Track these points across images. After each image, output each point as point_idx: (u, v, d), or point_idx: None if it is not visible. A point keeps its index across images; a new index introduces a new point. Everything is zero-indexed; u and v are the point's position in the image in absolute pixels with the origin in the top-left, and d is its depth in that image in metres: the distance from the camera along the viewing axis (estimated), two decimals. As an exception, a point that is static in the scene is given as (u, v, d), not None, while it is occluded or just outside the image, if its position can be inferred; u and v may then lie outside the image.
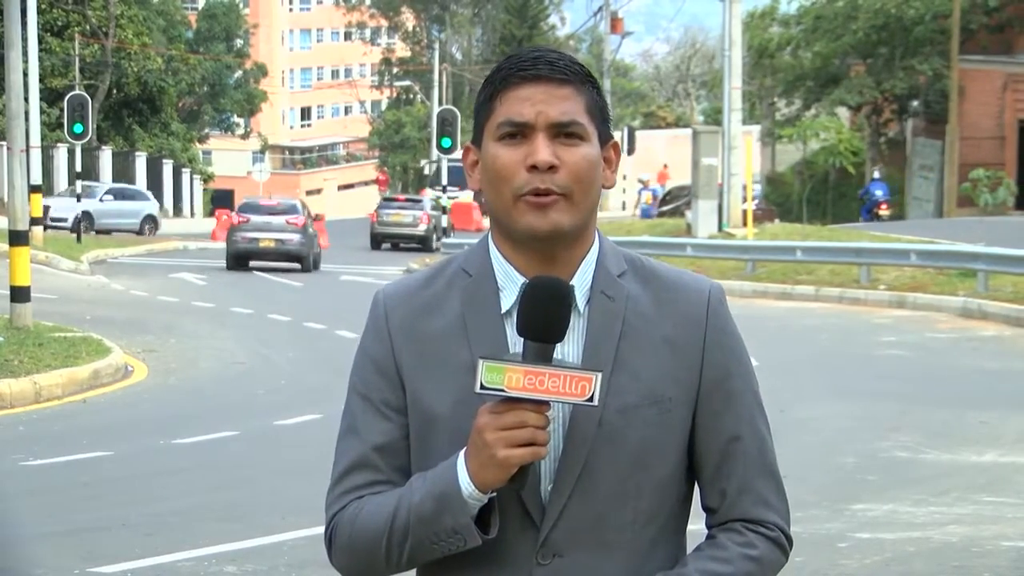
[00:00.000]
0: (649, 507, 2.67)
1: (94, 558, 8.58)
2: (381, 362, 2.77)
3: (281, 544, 9.14)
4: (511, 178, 2.63)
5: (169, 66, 73.67)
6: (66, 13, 66.89)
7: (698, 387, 2.69)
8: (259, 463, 12.72)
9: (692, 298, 2.72)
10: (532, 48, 2.70)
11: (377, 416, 2.75)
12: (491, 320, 2.68)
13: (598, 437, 2.62)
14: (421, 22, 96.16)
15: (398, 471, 2.72)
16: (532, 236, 2.64)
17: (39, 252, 34.87)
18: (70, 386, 16.85)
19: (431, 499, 2.60)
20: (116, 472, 12.14)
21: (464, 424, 2.61)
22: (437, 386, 2.69)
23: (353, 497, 2.73)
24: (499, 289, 2.69)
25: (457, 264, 2.76)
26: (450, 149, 54.50)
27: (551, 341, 2.55)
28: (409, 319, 2.76)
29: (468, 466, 2.57)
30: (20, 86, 22.37)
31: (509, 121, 2.63)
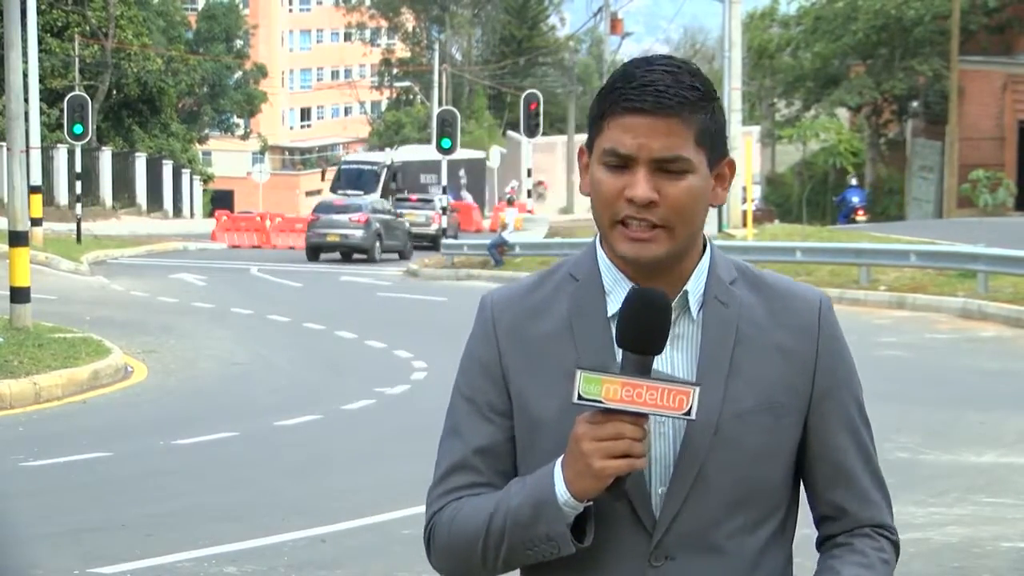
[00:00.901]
0: (759, 513, 2.68)
1: (94, 559, 8.58)
2: (487, 365, 2.77)
3: (281, 545, 9.14)
4: (611, 205, 2.62)
5: (169, 67, 73.67)
6: (66, 14, 66.88)
7: (810, 395, 2.70)
8: (259, 464, 12.72)
9: (803, 306, 2.73)
10: (648, 65, 2.64)
11: (480, 419, 2.75)
12: (597, 324, 2.69)
13: (713, 443, 2.63)
14: (421, 23, 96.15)
15: (499, 474, 2.72)
16: (628, 263, 2.66)
17: (39, 253, 34.87)
18: (70, 387, 16.86)
19: (528, 505, 2.60)
20: (116, 473, 12.14)
21: (569, 429, 2.60)
22: (543, 390, 2.69)
23: (452, 498, 2.73)
24: (606, 293, 2.70)
25: (565, 269, 2.77)
26: (450, 150, 54.49)
27: (650, 353, 2.55)
28: (516, 323, 2.76)
29: (564, 474, 2.57)
30: (20, 87, 22.38)
31: (613, 151, 2.61)
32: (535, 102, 50.22)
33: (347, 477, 11.99)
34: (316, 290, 35.06)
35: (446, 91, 78.54)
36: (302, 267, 42.50)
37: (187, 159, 76.37)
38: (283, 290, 35.09)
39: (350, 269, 41.62)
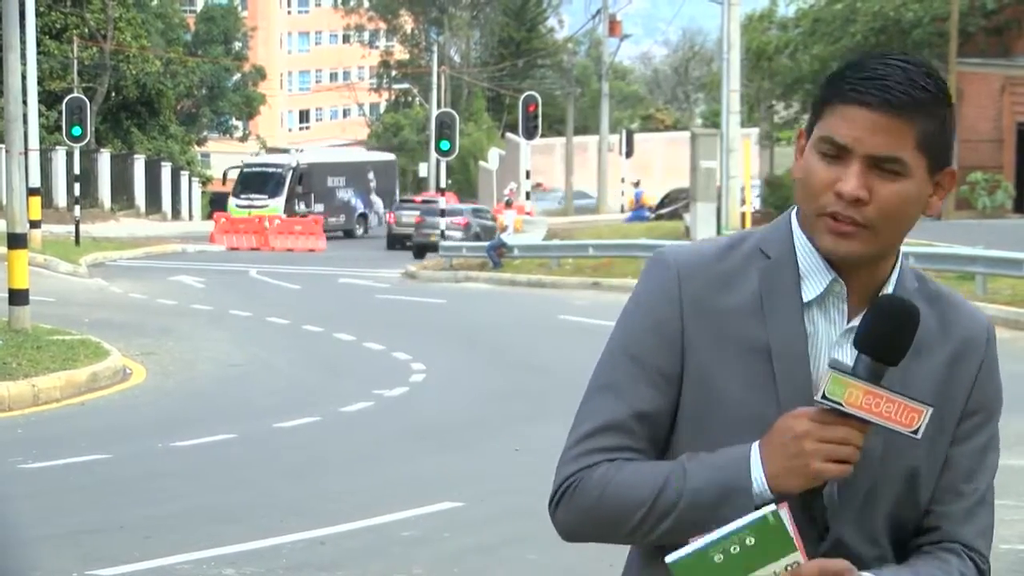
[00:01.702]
0: (908, 531, 2.65)
1: (92, 560, 8.58)
2: (666, 327, 2.61)
3: (280, 546, 9.14)
4: (818, 195, 2.54)
5: (167, 69, 73.68)
6: (65, 16, 66.88)
7: (959, 415, 2.66)
8: (257, 465, 12.72)
9: (974, 326, 2.67)
10: (882, 59, 2.54)
11: (646, 382, 2.61)
12: (791, 307, 2.59)
13: (885, 455, 2.57)
14: (419, 25, 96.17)
15: (651, 442, 2.61)
16: (825, 256, 2.58)
17: (37, 255, 34.85)
18: (68, 389, 16.86)
19: (714, 488, 2.50)
20: (114, 474, 12.14)
21: (748, 411, 2.54)
22: (727, 366, 2.58)
23: (604, 458, 2.61)
24: (800, 277, 2.60)
25: (753, 242, 2.65)
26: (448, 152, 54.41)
27: (890, 363, 2.48)
28: (705, 290, 2.61)
29: (767, 467, 2.48)
30: (19, 89, 22.38)
31: (829, 139, 2.53)
32: (534, 104, 50.24)
33: (345, 479, 11.99)
34: (315, 292, 35.06)
35: (445, 93, 78.56)
36: (301, 269, 42.50)
37: (186, 161, 76.37)
38: (282, 292, 35.08)
39: (349, 271, 41.62)
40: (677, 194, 52.79)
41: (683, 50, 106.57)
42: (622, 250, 36.66)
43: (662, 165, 75.53)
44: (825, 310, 2.59)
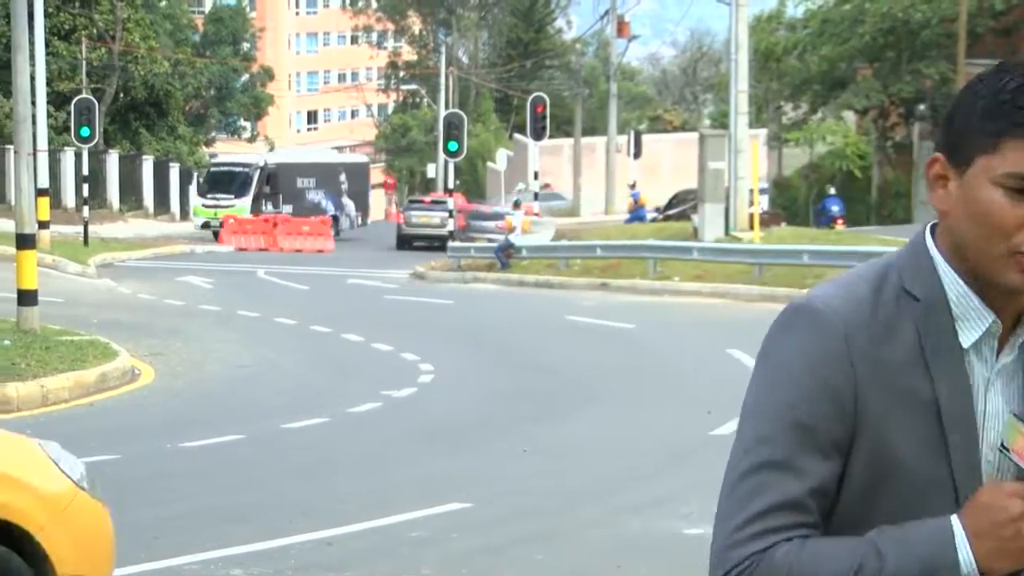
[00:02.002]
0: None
1: (101, 561, 8.58)
2: (839, 392, 2.40)
3: (288, 547, 9.14)
4: (1009, 235, 2.36)
5: (176, 69, 73.73)
6: (73, 17, 66.94)
7: None
8: (265, 466, 12.73)
9: None
10: None
11: (819, 453, 2.40)
12: (953, 356, 2.42)
13: None
14: (427, 26, 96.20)
15: (823, 516, 2.42)
16: (1013, 292, 2.41)
17: (46, 256, 34.89)
18: (77, 389, 16.87)
19: (917, 569, 2.34)
20: (123, 475, 12.14)
21: (924, 474, 2.40)
22: (899, 426, 2.41)
23: (780, 538, 2.40)
24: (955, 319, 2.44)
25: (896, 282, 2.47)
26: (456, 153, 54.39)
27: None
28: (871, 345, 2.42)
29: (975, 547, 2.33)
30: (27, 90, 22.40)
31: (1018, 175, 2.34)
32: (542, 105, 50.22)
33: (354, 479, 12.00)
34: (323, 293, 35.07)
35: (453, 94, 78.55)
36: (309, 270, 42.52)
37: (194, 162, 76.38)
38: (290, 293, 35.10)
39: (357, 272, 41.64)
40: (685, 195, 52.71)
41: (691, 51, 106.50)
42: (630, 251, 36.63)
43: (670, 166, 75.45)
44: (979, 351, 2.44)
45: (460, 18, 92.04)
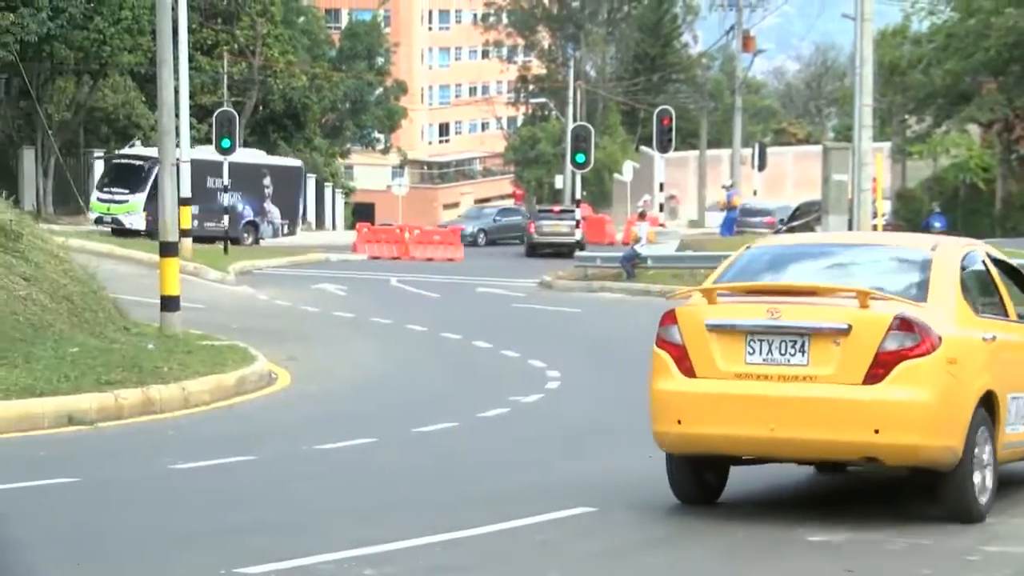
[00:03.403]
0: None
1: (239, 559, 8.67)
2: None
3: (418, 548, 9.17)
4: None
5: (313, 83, 74.41)
6: (215, 32, 67.82)
7: None
8: (396, 469, 12.78)
9: None
10: None
11: None
12: None
13: None
14: (556, 40, 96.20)
15: None
16: None
17: (188, 263, 35.33)
18: (217, 392, 17.04)
19: None
20: (260, 476, 12.27)
21: None
22: None
23: None
24: None
25: None
26: (584, 164, 54.44)
27: None
28: None
29: None
30: (171, 103, 22.70)
31: None
32: (668, 118, 50.10)
33: (482, 483, 12.02)
34: (453, 300, 35.19)
35: (580, 107, 78.51)
36: (439, 278, 42.69)
37: (330, 173, 77.08)
38: (421, 300, 35.26)
39: (486, 280, 41.73)
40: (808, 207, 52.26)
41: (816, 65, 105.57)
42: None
43: (794, 178, 74.89)
44: None
45: (588, 33, 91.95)
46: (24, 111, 55.92)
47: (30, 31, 49.91)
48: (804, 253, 11.17)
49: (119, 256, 38.63)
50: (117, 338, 19.81)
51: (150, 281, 25.18)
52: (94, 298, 21.06)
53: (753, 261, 10.93)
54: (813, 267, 10.69)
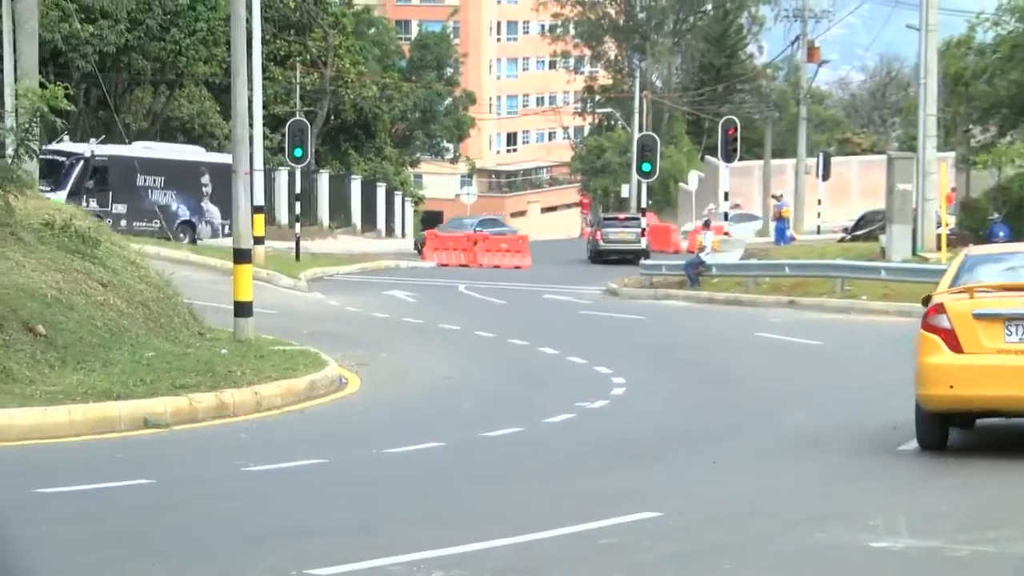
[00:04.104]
0: None
1: (309, 561, 8.70)
2: None
3: (486, 551, 9.17)
4: None
5: (383, 94, 74.67)
6: (288, 44, 68.19)
7: None
8: (464, 472, 12.80)
9: None
10: None
11: None
12: None
13: None
14: (623, 51, 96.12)
15: None
16: None
17: (261, 269, 35.50)
18: (288, 396, 17.12)
19: None
20: (330, 479, 12.31)
21: None
22: None
23: None
24: None
25: None
26: (649, 173, 54.38)
27: None
28: None
29: None
30: (244, 112, 22.83)
31: None
32: (733, 128, 49.90)
33: (548, 487, 12.01)
34: (520, 307, 35.21)
35: (646, 117, 78.37)
36: (507, 285, 42.74)
37: (399, 181, 77.29)
38: (488, 307, 35.29)
39: (552, 287, 41.73)
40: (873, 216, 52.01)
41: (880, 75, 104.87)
42: (818, 270, 36.20)
43: (858, 187, 74.46)
44: None
45: (654, 44, 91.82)
46: (103, 121, 56.43)
47: (109, 42, 50.39)
48: (1015, 257, 14.35)
49: (194, 263, 38.90)
50: (192, 343, 19.94)
51: (223, 287, 25.33)
52: (169, 304, 21.21)
53: (976, 264, 14.03)
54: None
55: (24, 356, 16.01)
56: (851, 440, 14.74)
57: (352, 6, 77.16)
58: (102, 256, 20.60)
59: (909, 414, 13.75)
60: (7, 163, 19.83)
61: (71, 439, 13.83)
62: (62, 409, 14.26)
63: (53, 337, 16.93)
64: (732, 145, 49.43)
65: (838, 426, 15.77)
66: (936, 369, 13.05)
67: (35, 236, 20.12)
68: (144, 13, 51.41)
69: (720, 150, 50.71)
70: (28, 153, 20.01)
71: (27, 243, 19.77)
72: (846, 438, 14.88)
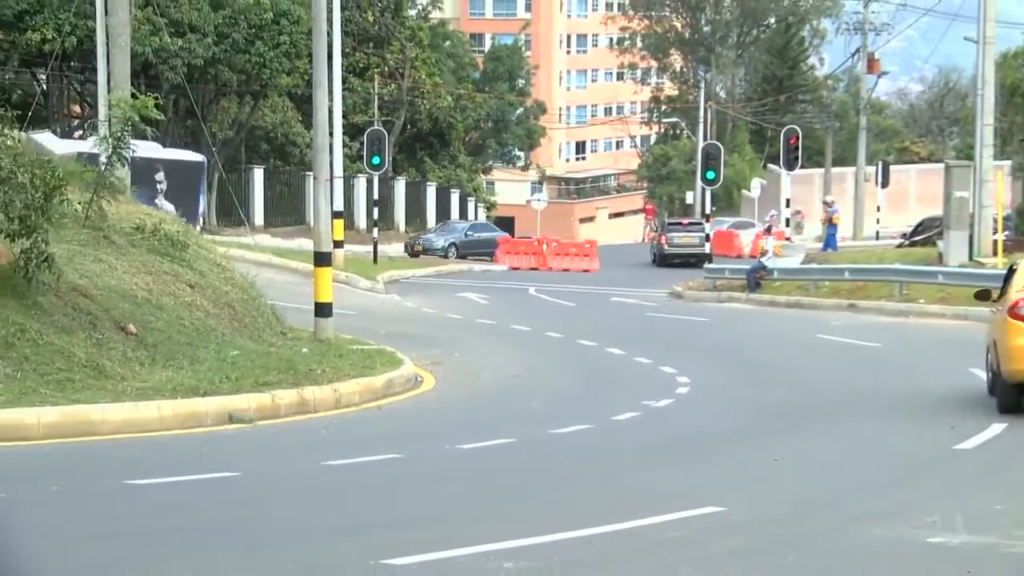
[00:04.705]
0: None
1: (385, 551, 8.73)
2: None
3: (553, 544, 9.17)
4: None
5: (457, 104, 74.82)
6: (367, 56, 68.46)
7: None
8: (534, 468, 12.79)
9: None
10: None
11: None
12: None
13: None
14: (688, 63, 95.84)
15: None
16: None
17: (340, 272, 35.68)
18: (366, 394, 17.18)
19: None
20: (405, 473, 12.34)
21: None
22: None
23: None
24: None
25: None
26: (714, 181, 54.18)
27: None
28: None
29: None
30: (325, 122, 22.97)
31: None
32: (794, 137, 49.68)
33: (614, 482, 11.99)
34: (588, 309, 35.16)
35: (711, 126, 78.09)
36: (575, 288, 42.70)
37: (472, 188, 77.39)
38: (558, 309, 35.27)
39: (619, 290, 41.65)
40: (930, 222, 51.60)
41: (938, 86, 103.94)
42: (877, 274, 35.95)
43: (916, 195, 73.88)
44: None
45: (719, 56, 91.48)
46: (190, 129, 56.85)
47: (196, 55, 50.75)
48: None
49: (276, 265, 39.13)
50: (274, 342, 20.06)
51: (304, 289, 25.46)
52: (253, 305, 21.35)
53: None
54: None
55: (116, 354, 16.17)
56: (909, 439, 14.64)
57: (428, 20, 77.37)
58: (190, 259, 20.76)
59: (965, 414, 13.63)
60: (101, 170, 20.05)
61: (160, 433, 13.94)
62: (152, 405, 14.39)
63: (144, 336, 17.09)
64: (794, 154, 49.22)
65: (896, 426, 15.66)
66: (1022, 350, 15.44)
67: (127, 240, 20.32)
68: (230, 27, 51.75)
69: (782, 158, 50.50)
70: (120, 160, 20.21)
71: (119, 246, 19.97)
72: (904, 437, 14.77)
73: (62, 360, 15.15)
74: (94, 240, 19.59)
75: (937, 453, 13.59)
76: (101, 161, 20.26)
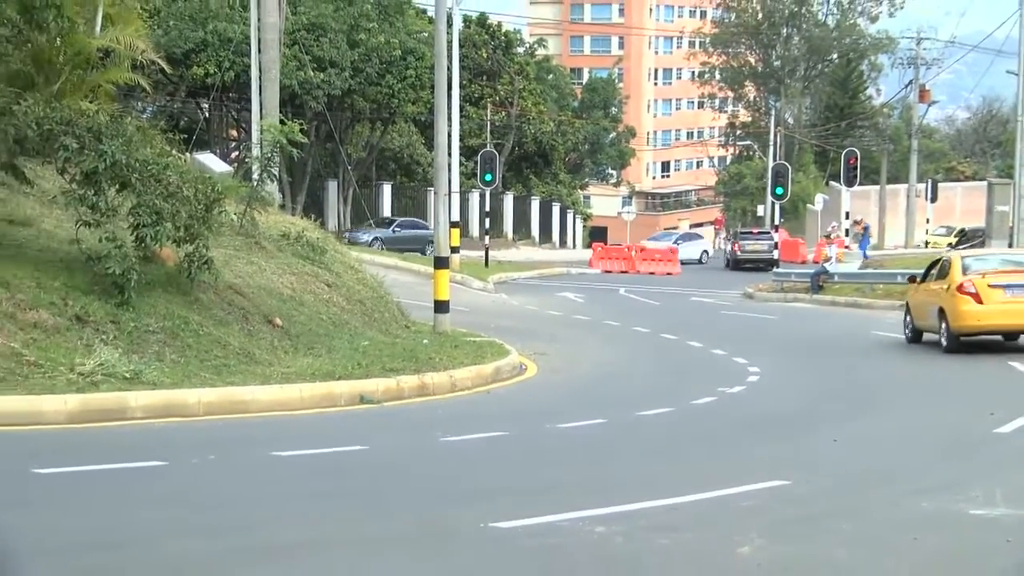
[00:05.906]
0: None
1: (494, 515, 8.74)
2: None
3: (640, 511, 9.13)
4: None
5: (559, 129, 74.87)
6: (481, 87, 68.72)
7: None
8: (623, 445, 12.75)
9: None
10: None
11: None
12: None
13: None
14: (760, 93, 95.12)
15: None
16: None
17: (456, 274, 35.84)
18: (477, 379, 17.22)
19: None
20: (512, 448, 12.35)
21: None
22: None
23: None
24: None
25: None
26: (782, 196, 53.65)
27: None
28: None
29: None
30: (445, 144, 23.08)
31: None
32: (853, 157, 49.07)
33: (694, 458, 11.92)
34: (671, 307, 34.98)
35: (779, 148, 77.44)
36: (660, 289, 42.51)
37: (571, 202, 77.40)
38: (645, 307, 35.14)
39: (698, 291, 41.41)
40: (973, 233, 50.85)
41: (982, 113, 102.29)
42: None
43: (961, 208, 72.84)
44: None
45: (787, 87, 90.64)
46: (329, 151, 57.39)
47: (335, 87, 51.23)
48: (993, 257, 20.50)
49: (401, 268, 39.37)
50: (399, 334, 20.18)
51: (425, 288, 25.59)
52: (381, 302, 21.49)
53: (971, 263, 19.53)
54: None
55: (264, 343, 16.33)
56: (954, 423, 14.41)
57: (534, 56, 77.46)
58: (327, 262, 20.95)
59: (1004, 402, 13.38)
60: (253, 185, 20.27)
61: (301, 412, 14.07)
62: (294, 387, 14.51)
63: (288, 328, 17.25)
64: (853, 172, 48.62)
65: (943, 411, 15.42)
66: (967, 312, 20.91)
67: (274, 245, 20.54)
68: (364, 63, 52.17)
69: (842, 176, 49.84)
70: (270, 177, 20.44)
71: (268, 251, 20.19)
72: (949, 421, 14.55)
73: (219, 348, 15.34)
74: (247, 245, 19.82)
75: (979, 436, 13.36)
76: (253, 178, 20.49)
